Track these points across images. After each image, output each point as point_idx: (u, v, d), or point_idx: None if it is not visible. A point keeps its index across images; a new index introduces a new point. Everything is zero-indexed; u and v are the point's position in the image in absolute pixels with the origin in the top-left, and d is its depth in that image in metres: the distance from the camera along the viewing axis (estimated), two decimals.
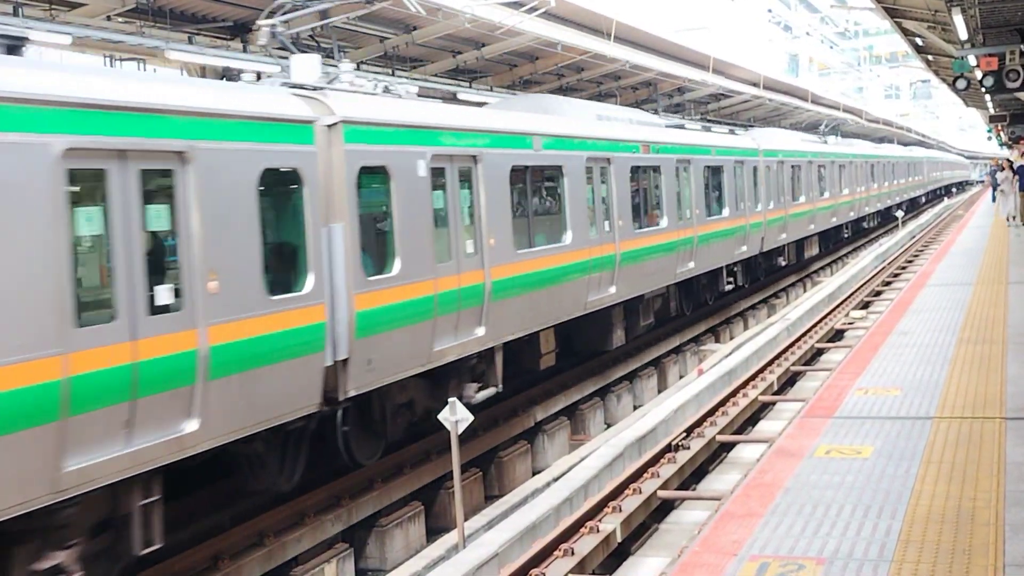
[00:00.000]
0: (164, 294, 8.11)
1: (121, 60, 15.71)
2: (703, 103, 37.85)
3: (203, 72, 16.67)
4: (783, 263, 29.45)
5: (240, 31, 17.27)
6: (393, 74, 20.92)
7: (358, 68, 19.91)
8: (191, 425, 8.18)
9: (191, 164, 8.36)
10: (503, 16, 19.44)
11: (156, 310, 7.97)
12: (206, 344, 8.27)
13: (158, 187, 8.21)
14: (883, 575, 5.59)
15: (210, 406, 8.31)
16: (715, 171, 21.95)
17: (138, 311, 7.78)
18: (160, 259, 8.27)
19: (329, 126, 10.09)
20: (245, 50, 17.08)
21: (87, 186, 7.66)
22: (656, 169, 18.59)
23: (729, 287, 24.24)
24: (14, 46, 8.06)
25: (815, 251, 33.64)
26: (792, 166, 29.16)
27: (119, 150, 7.77)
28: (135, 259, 7.79)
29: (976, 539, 5.99)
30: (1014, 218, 30.63)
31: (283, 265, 9.69)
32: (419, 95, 20.16)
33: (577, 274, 15.06)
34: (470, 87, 23.89)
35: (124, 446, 7.59)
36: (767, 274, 28.43)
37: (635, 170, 17.60)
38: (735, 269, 24.17)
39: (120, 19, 15.35)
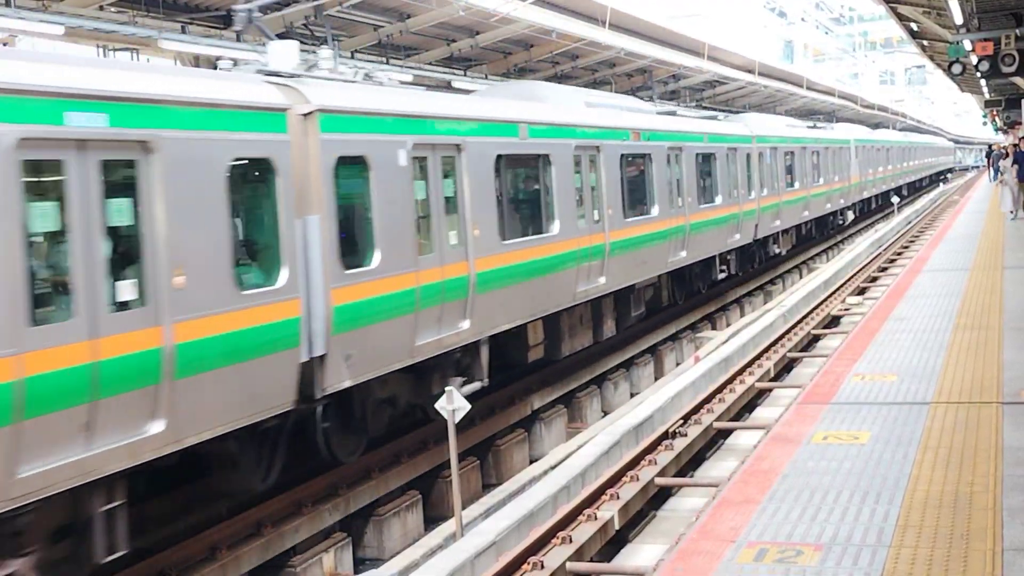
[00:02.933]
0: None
1: (115, 50, 15.66)
2: (698, 90, 37.81)
3: (196, 62, 16.61)
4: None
5: (232, 21, 17.19)
6: (387, 62, 20.85)
7: (352, 57, 19.86)
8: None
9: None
10: (497, 4, 19.38)
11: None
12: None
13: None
14: (881, 560, 5.59)
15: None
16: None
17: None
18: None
19: (752, 137, 25.34)
20: (239, 39, 17.01)
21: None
22: (837, 151, 36.57)
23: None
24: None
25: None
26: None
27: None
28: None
29: (974, 524, 5.99)
30: (1013, 212, 28.30)
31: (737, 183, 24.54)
32: (412, 83, 20.11)
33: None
34: (464, 75, 23.84)
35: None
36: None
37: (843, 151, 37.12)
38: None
39: (113, 9, 15.28)
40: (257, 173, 9.44)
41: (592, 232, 15.75)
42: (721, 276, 23.72)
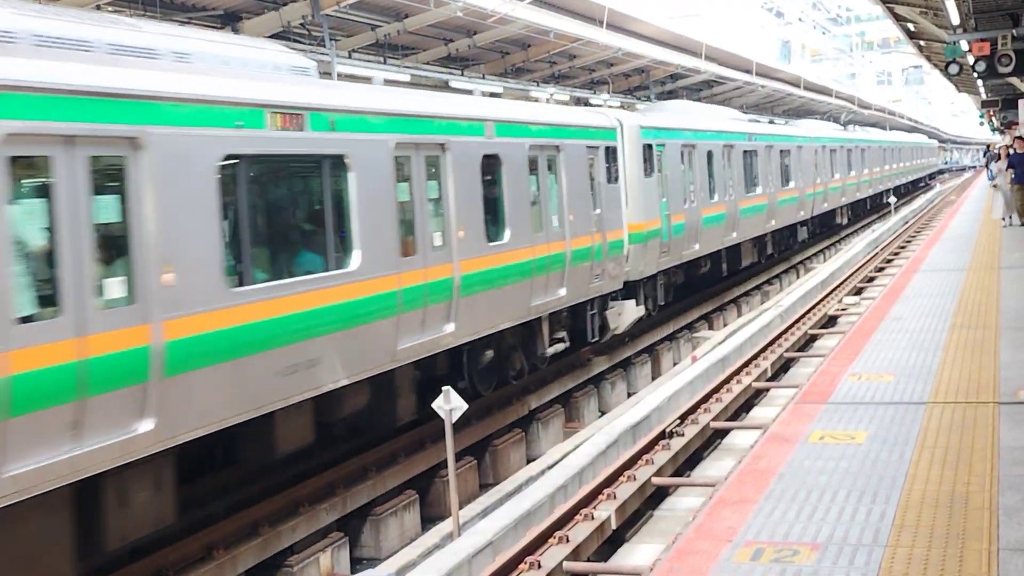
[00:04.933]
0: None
1: None
2: (696, 90, 37.83)
3: None
4: None
5: (230, 20, 17.19)
6: (385, 62, 20.85)
7: (349, 56, 19.86)
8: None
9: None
10: (495, 4, 19.38)
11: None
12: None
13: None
14: (877, 560, 5.60)
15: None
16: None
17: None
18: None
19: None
20: None
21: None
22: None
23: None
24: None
25: None
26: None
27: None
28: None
29: (970, 523, 6.00)
30: (1009, 219, 25.24)
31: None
32: (411, 83, 20.12)
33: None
34: (462, 75, 23.83)
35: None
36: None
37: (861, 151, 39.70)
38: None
39: (110, 8, 15.27)
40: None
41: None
42: None
